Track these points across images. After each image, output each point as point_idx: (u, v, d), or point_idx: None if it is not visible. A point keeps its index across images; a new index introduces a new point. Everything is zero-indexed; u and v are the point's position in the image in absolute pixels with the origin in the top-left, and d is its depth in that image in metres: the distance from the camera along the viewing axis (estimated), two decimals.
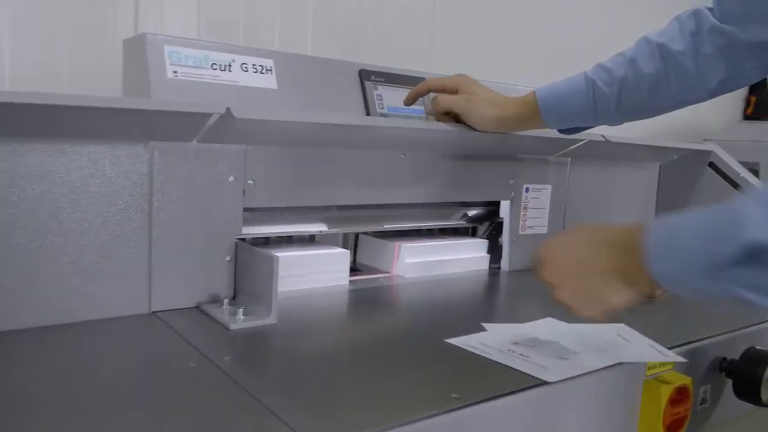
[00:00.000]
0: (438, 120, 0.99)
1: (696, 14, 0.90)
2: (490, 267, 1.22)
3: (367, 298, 0.98)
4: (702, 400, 0.85)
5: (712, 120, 2.66)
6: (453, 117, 0.99)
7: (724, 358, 0.87)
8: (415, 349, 0.75)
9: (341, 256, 1.03)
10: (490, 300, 1.07)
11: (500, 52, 1.97)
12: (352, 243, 1.19)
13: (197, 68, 0.85)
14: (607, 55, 0.96)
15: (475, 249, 1.21)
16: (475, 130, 0.98)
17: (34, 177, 0.72)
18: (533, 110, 0.96)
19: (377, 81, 1.02)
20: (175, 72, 0.83)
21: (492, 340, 0.77)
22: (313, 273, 0.98)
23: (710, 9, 0.90)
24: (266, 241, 1.02)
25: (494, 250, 1.24)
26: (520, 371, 0.67)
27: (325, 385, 0.63)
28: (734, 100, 2.89)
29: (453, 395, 0.59)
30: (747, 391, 0.84)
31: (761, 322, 0.94)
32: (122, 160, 0.78)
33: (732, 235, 0.50)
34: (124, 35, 0.93)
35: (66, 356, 0.68)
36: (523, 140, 1.11)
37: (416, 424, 0.54)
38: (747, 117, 3.25)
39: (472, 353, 0.73)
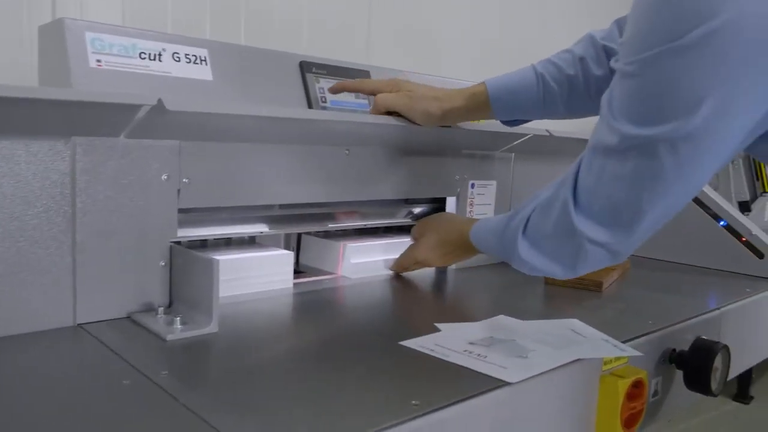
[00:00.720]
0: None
1: None
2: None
3: (313, 302, 0.93)
4: (654, 393, 0.85)
5: None
6: (395, 116, 0.97)
7: (674, 350, 0.87)
8: (368, 354, 0.71)
9: (285, 257, 0.98)
10: (440, 299, 1.04)
11: (435, 46, 1.98)
12: (294, 244, 1.14)
13: (124, 57, 0.78)
14: (535, 51, 0.97)
15: None
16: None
17: None
18: (482, 102, 0.95)
19: (319, 74, 0.98)
20: (98, 61, 0.75)
21: (447, 341, 0.74)
22: (255, 276, 0.92)
23: None
24: (203, 244, 0.95)
25: None
26: (481, 373, 0.64)
27: (273, 398, 0.58)
28: None
29: (413, 402, 0.56)
30: (698, 381, 0.85)
31: (706, 312, 0.95)
32: (40, 158, 0.70)
33: (502, 253, 0.82)
34: (39, 21, 0.84)
35: None
36: (468, 135, 1.10)
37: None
38: None
39: (429, 355, 0.69)
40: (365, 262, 1.09)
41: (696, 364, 0.85)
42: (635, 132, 0.62)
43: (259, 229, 0.97)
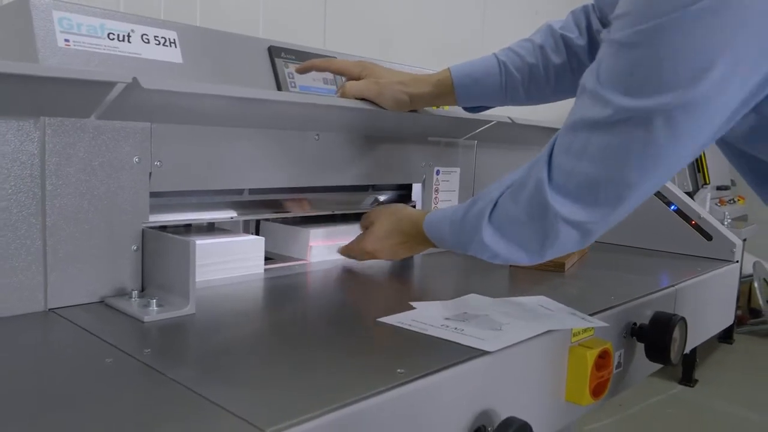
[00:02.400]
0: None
1: (585, 11, 0.96)
2: None
3: (286, 286, 0.93)
4: (618, 365, 0.89)
5: None
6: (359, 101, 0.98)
7: (635, 324, 0.91)
8: (348, 331, 0.72)
9: (256, 243, 0.98)
10: (410, 282, 1.06)
11: (391, 33, 2.02)
12: (253, 231, 1.13)
13: (92, 37, 0.77)
14: (489, 41, 1.00)
15: None
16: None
17: None
18: (447, 88, 0.97)
19: (288, 59, 0.98)
20: (66, 41, 0.74)
21: (424, 317, 0.76)
22: (227, 261, 0.92)
23: (593, 6, 0.95)
24: (162, 229, 0.94)
25: None
26: (459, 344, 0.66)
27: (261, 370, 0.58)
28: None
29: (399, 370, 0.57)
30: (658, 352, 0.89)
31: (662, 289, 1.00)
32: (8, 138, 0.68)
33: (461, 245, 0.81)
34: None
35: None
36: (434, 122, 1.12)
37: (367, 401, 0.52)
38: None
39: (408, 330, 0.71)
40: (332, 247, 1.09)
41: (656, 336, 0.89)
42: (631, 104, 0.61)
43: (228, 214, 0.97)
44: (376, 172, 1.11)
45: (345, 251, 1.05)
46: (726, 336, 3.62)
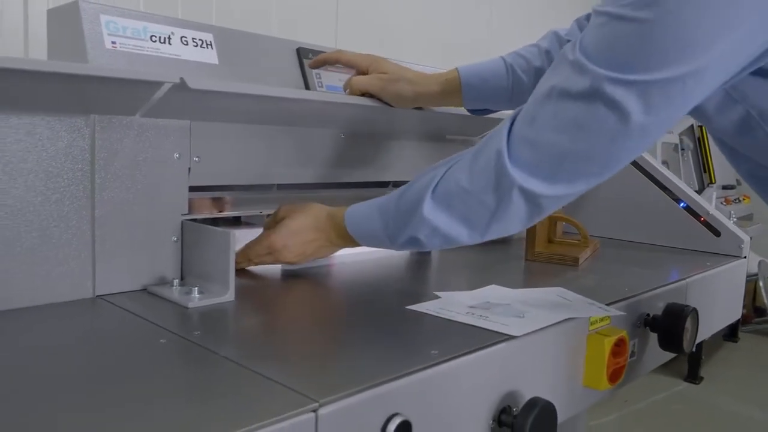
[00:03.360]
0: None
1: (589, 18, 0.98)
2: None
3: (312, 277, 0.97)
4: (631, 354, 0.93)
5: None
6: (369, 96, 0.99)
7: (648, 315, 0.95)
8: (381, 316, 0.77)
9: None
10: (429, 275, 1.10)
11: (400, 32, 2.06)
12: None
13: (136, 39, 0.81)
14: (496, 40, 1.04)
15: None
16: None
17: None
18: (454, 87, 0.99)
19: None
20: (113, 43, 0.78)
21: (450, 305, 0.80)
22: None
23: None
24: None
25: None
26: (486, 329, 0.70)
27: (305, 349, 0.63)
28: None
29: (432, 352, 0.61)
30: (671, 342, 0.93)
31: (674, 282, 1.04)
32: (61, 135, 0.73)
33: (398, 233, 0.76)
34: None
35: (18, 341, 0.63)
36: (451, 120, 1.16)
37: (408, 378, 0.56)
38: None
39: (436, 316, 0.75)
40: None
41: (669, 326, 0.93)
42: (612, 76, 0.60)
43: (258, 209, 1.01)
44: (396, 169, 1.15)
45: (243, 251, 0.92)
46: (731, 334, 3.66)
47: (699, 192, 3.24)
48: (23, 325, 0.67)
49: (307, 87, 1.00)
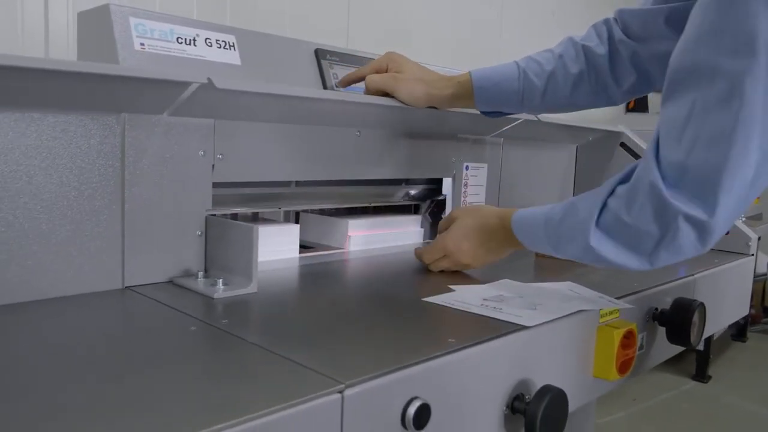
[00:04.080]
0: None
1: (607, 23, 1.00)
2: (430, 242, 1.29)
3: (330, 271, 1.01)
4: (640, 347, 0.95)
5: (600, 113, 2.97)
6: (385, 95, 1.01)
7: (656, 309, 0.97)
8: (398, 307, 0.80)
9: (292, 230, 1.05)
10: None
11: (411, 32, 2.09)
12: (293, 221, 1.21)
13: (163, 41, 0.84)
14: (506, 39, 1.05)
15: (413, 224, 1.28)
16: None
17: (4, 148, 0.69)
18: (467, 90, 1.01)
19: (332, 60, 1.05)
20: (142, 44, 0.82)
21: (464, 298, 0.83)
22: (266, 246, 0.99)
23: (615, 19, 0.99)
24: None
25: (435, 226, 1.31)
26: (500, 320, 0.73)
27: (329, 337, 0.66)
28: None
29: (450, 339, 0.64)
30: (679, 335, 0.95)
31: (682, 277, 1.06)
32: (93, 133, 0.76)
33: (561, 246, 0.80)
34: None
35: (58, 328, 0.66)
36: (463, 119, 1.19)
37: (427, 363, 0.59)
38: (629, 110, 3.64)
39: (452, 308, 0.78)
40: (368, 237, 1.17)
41: (677, 320, 0.95)
42: (734, 65, 0.60)
43: (276, 205, 1.05)
44: (409, 167, 1.18)
45: (421, 252, 1.03)
46: (739, 334, 3.66)
47: None
48: (59, 313, 0.70)
49: (324, 87, 1.03)
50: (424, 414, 0.57)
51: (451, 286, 0.89)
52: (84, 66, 0.64)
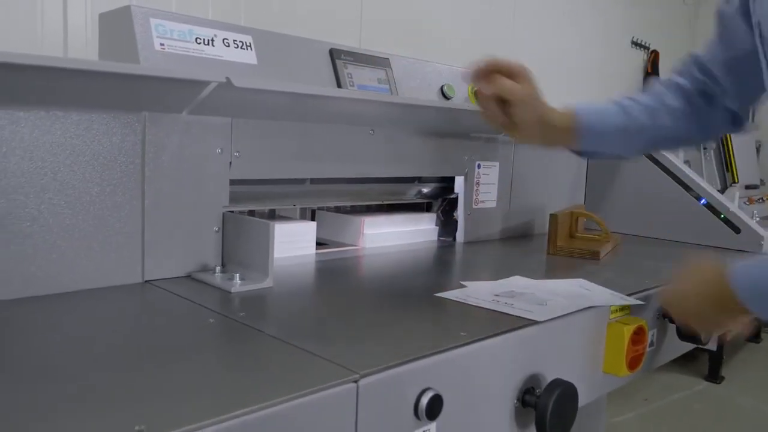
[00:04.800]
0: (480, 104, 0.88)
1: (686, 62, 0.92)
2: (442, 239, 1.30)
3: (345, 266, 1.02)
4: (651, 343, 0.96)
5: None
6: (494, 103, 0.86)
7: None
8: (411, 302, 0.81)
9: (309, 227, 1.07)
10: (456, 266, 1.14)
11: (424, 31, 2.11)
12: (309, 218, 1.23)
13: (182, 41, 0.86)
14: (519, 39, 1.06)
15: (426, 222, 1.29)
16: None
17: (30, 145, 0.71)
18: (568, 122, 0.88)
19: (347, 60, 1.07)
20: (162, 45, 0.84)
21: (476, 293, 0.84)
22: (283, 243, 1.01)
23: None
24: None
25: (447, 224, 1.32)
26: (511, 314, 0.75)
27: (343, 329, 0.67)
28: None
29: (462, 333, 0.66)
30: (689, 332, 0.96)
31: None
32: (115, 131, 0.78)
33: None
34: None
35: (82, 320, 0.68)
36: (475, 119, 1.19)
37: (440, 355, 0.60)
38: None
39: (464, 302, 0.79)
40: (383, 235, 1.18)
41: None
42: None
43: (291, 202, 1.07)
44: (423, 165, 1.20)
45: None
46: (753, 335, 3.64)
47: (722, 191, 3.24)
48: (83, 305, 0.73)
49: (338, 85, 1.05)
50: (436, 405, 0.58)
51: (463, 282, 0.90)
52: (107, 66, 0.66)
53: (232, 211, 0.91)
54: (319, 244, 1.15)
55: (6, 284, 0.71)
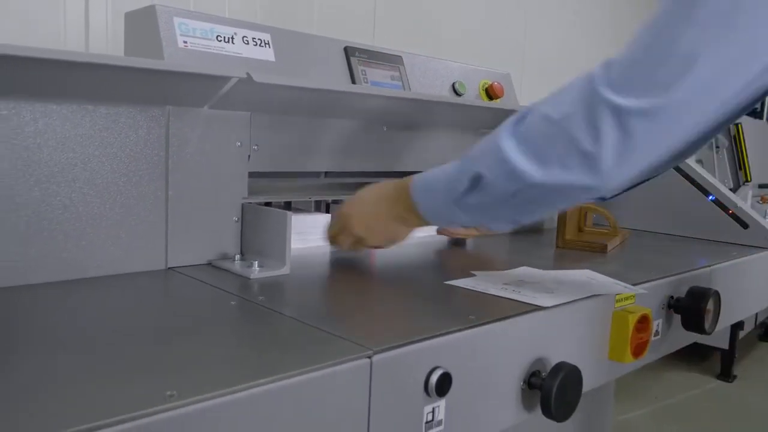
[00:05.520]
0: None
1: None
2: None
3: (357, 257, 1.05)
4: (656, 333, 0.99)
5: None
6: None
7: (672, 297, 1.01)
8: (422, 288, 0.85)
9: (323, 220, 1.11)
10: (465, 258, 1.17)
11: (437, 29, 2.14)
12: (323, 210, 1.26)
13: (204, 39, 0.90)
14: (530, 38, 1.09)
15: None
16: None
17: (62, 137, 0.76)
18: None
19: (361, 57, 1.11)
20: (185, 42, 0.88)
21: (485, 282, 0.87)
22: (299, 234, 1.04)
23: None
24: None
25: None
26: (518, 300, 0.78)
27: (360, 312, 0.71)
28: None
29: (470, 317, 0.69)
30: (693, 322, 0.99)
31: (699, 268, 1.09)
32: (141, 124, 0.82)
33: (465, 173, 0.69)
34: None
35: (111, 301, 0.73)
36: (484, 114, 1.23)
37: (449, 336, 0.64)
38: None
39: (472, 290, 0.82)
40: None
41: (691, 307, 0.98)
42: None
43: (306, 195, 1.10)
44: (434, 160, 1.23)
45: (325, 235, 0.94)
46: (766, 334, 3.63)
47: (734, 190, 3.24)
48: (111, 289, 0.77)
49: (353, 82, 1.09)
50: (445, 382, 0.61)
51: (473, 272, 0.94)
52: (135, 61, 0.70)
53: (251, 203, 0.95)
54: None
55: (40, 269, 0.75)
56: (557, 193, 0.64)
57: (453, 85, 1.30)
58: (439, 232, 1.14)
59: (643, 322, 0.89)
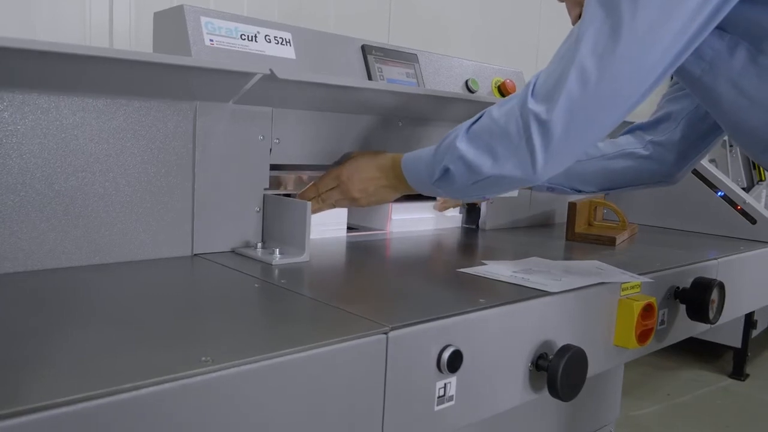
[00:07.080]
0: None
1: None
2: (466, 226, 1.37)
3: (373, 247, 1.10)
4: (661, 322, 1.02)
5: None
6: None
7: (677, 287, 1.04)
8: (435, 275, 0.89)
9: (340, 211, 1.15)
10: (478, 248, 1.21)
11: (450, 28, 2.18)
12: None
13: (229, 38, 0.95)
14: (544, 37, 1.12)
15: (450, 209, 1.36)
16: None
17: (97, 129, 0.80)
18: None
19: (377, 56, 1.15)
20: (211, 40, 0.92)
21: (495, 270, 0.91)
22: (317, 225, 1.09)
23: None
24: None
25: (471, 212, 1.39)
26: (527, 287, 0.82)
27: (377, 294, 0.75)
28: None
29: (481, 300, 0.73)
30: (698, 311, 1.02)
31: (705, 260, 1.12)
32: (169, 118, 0.87)
33: (437, 164, 0.82)
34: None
35: (143, 282, 0.77)
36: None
37: (461, 316, 0.68)
38: None
39: (483, 277, 0.86)
40: (410, 220, 1.26)
41: (696, 297, 1.02)
42: None
43: None
44: None
45: (312, 186, 1.03)
46: None
47: (748, 189, 3.24)
48: (142, 272, 0.82)
49: (370, 79, 1.13)
50: (457, 359, 0.65)
51: (484, 261, 0.98)
52: (166, 58, 0.75)
53: (272, 194, 0.99)
54: (349, 228, 1.22)
55: (77, 252, 0.80)
56: (507, 181, 0.78)
57: (466, 82, 1.34)
58: (436, 208, 1.30)
59: (649, 310, 0.93)
